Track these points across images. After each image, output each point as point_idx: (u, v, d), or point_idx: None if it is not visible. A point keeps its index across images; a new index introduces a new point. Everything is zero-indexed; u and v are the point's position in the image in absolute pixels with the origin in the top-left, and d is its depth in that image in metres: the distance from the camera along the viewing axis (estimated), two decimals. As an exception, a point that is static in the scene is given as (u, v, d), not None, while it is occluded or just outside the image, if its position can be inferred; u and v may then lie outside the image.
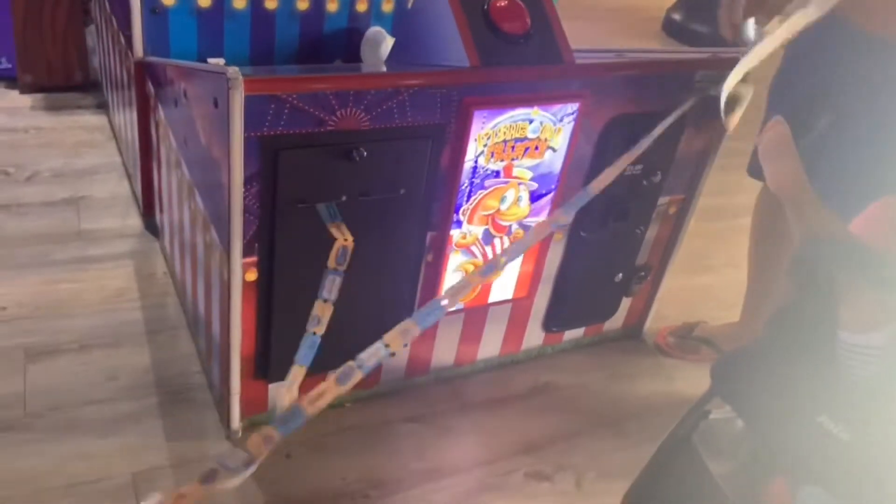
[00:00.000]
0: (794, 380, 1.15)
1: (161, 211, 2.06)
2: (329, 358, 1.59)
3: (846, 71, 1.49)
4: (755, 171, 1.77)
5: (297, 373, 1.16)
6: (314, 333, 1.20)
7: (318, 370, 1.60)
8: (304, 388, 1.65)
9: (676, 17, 4.60)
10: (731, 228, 2.57)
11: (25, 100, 2.74)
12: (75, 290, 1.92)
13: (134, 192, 2.29)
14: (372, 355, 0.98)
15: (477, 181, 1.50)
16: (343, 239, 1.32)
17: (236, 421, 1.57)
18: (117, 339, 1.80)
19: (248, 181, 1.29)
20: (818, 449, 1.04)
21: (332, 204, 1.36)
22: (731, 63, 1.59)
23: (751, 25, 1.47)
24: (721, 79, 1.50)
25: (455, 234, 1.55)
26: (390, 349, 1.00)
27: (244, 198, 1.30)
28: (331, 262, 1.29)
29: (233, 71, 1.19)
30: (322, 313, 1.22)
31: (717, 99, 1.71)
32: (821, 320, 1.15)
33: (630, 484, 1.33)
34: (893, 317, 1.03)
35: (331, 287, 1.25)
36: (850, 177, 1.53)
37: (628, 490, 1.34)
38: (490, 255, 1.63)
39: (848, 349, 1.10)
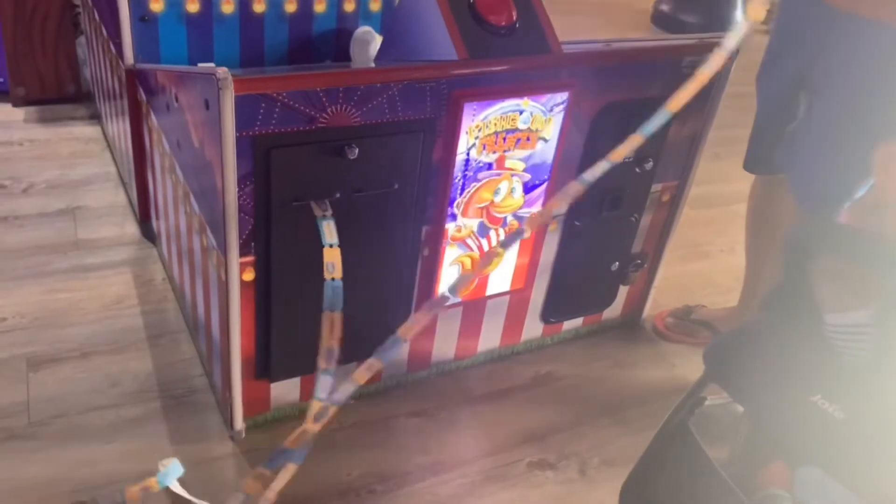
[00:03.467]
0: (787, 360, 1.16)
1: (157, 217, 2.06)
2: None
3: (820, 51, 1.49)
4: (751, 165, 1.78)
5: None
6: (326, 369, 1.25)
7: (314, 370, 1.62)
8: (308, 385, 1.67)
9: (665, 8, 4.61)
10: (725, 215, 2.58)
11: (18, 113, 2.75)
12: (75, 299, 1.93)
13: (130, 200, 2.30)
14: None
15: (470, 174, 1.50)
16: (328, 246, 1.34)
17: (239, 422, 1.58)
18: (119, 346, 1.80)
19: (241, 181, 1.30)
20: (813, 429, 1.05)
21: (326, 202, 1.36)
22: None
23: None
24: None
25: (450, 227, 1.56)
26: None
27: (238, 197, 1.31)
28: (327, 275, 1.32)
29: (223, 72, 1.20)
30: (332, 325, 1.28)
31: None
32: (810, 300, 1.16)
33: (629, 471, 1.34)
34: (877, 295, 1.04)
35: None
36: (828, 159, 1.53)
37: (627, 478, 1.35)
38: (486, 248, 1.64)
39: (836, 331, 1.11)
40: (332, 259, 1.31)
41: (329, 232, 1.32)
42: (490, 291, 1.71)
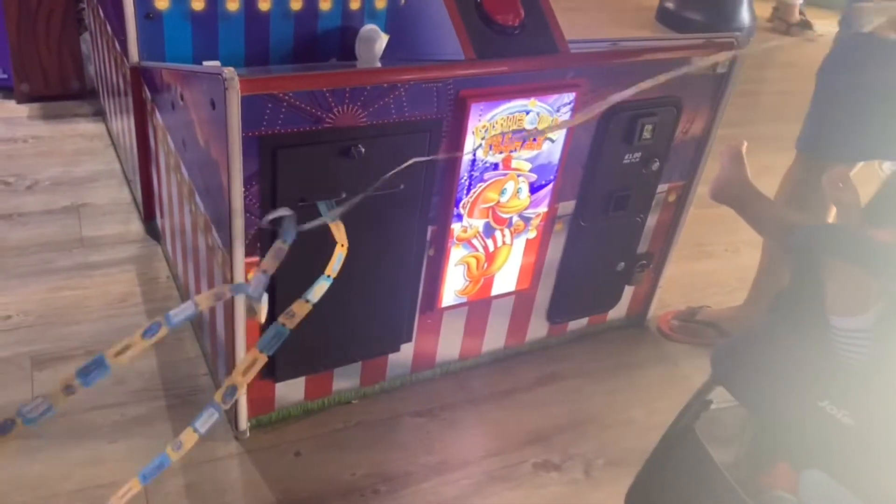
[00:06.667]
0: (794, 365, 1.15)
1: (162, 215, 2.06)
2: (336, 352, 1.61)
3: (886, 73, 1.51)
4: (808, 144, 1.77)
5: (254, 357, 1.21)
6: (283, 325, 1.21)
7: (324, 367, 1.62)
8: (313, 385, 1.67)
9: (670, 5, 4.60)
10: (731, 215, 2.55)
11: (23, 109, 2.75)
12: (79, 297, 1.93)
13: (134, 198, 2.30)
14: (181, 311, 1.13)
15: (476, 174, 1.50)
16: (340, 245, 1.32)
17: (244, 421, 1.58)
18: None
19: (247, 181, 1.30)
20: (821, 434, 1.04)
21: (333, 202, 1.36)
22: (724, 46, 1.59)
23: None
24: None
25: (456, 227, 1.55)
26: (200, 307, 1.15)
27: (244, 198, 1.31)
28: (328, 270, 1.29)
29: (229, 71, 1.20)
30: (299, 310, 1.23)
31: (708, 83, 1.71)
32: (816, 304, 1.16)
33: (635, 474, 1.33)
34: (877, 299, 1.04)
35: (319, 292, 1.26)
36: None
37: (633, 481, 1.34)
38: (491, 248, 1.63)
39: (841, 335, 1.10)
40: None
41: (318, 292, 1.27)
42: (495, 291, 1.71)
